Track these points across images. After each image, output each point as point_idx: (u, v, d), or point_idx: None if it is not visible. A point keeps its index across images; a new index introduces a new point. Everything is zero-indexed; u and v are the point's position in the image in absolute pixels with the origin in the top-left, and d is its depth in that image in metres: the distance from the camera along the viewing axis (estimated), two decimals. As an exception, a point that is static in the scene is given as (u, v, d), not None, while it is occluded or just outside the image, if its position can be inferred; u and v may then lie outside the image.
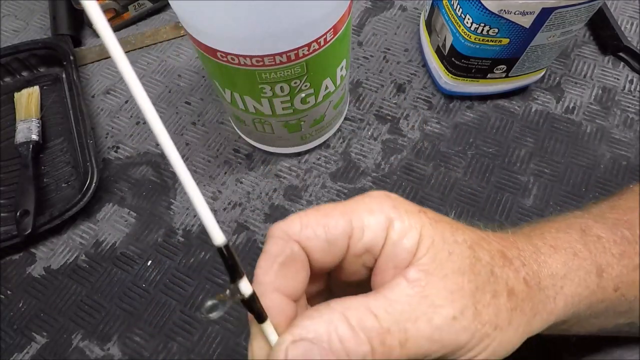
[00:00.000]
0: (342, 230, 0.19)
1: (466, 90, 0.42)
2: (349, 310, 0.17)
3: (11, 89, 0.46)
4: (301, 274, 0.19)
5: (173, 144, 0.14)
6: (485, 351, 0.18)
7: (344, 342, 0.17)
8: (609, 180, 0.39)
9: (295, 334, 0.17)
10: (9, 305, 0.37)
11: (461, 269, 0.18)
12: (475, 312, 0.18)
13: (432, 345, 0.17)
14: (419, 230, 0.19)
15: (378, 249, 0.19)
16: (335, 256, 0.19)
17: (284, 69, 0.29)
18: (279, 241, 0.19)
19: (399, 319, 0.17)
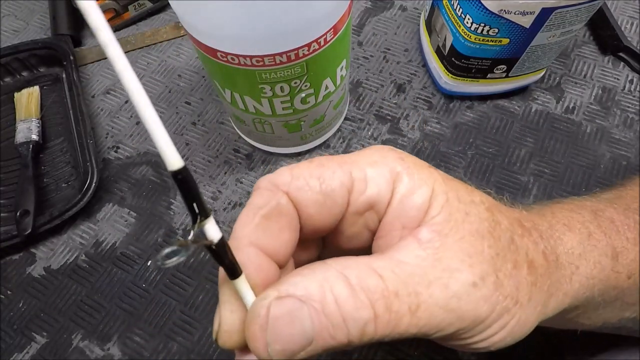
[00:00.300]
0: (340, 181, 0.16)
1: (466, 90, 0.42)
2: (349, 268, 0.14)
3: (11, 89, 0.46)
4: (287, 232, 0.16)
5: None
6: (503, 330, 0.16)
7: (340, 304, 0.14)
8: (609, 180, 0.39)
9: (281, 290, 0.14)
10: (9, 305, 0.37)
11: (480, 231, 0.16)
12: (496, 282, 0.15)
13: (447, 316, 0.15)
14: (430, 185, 0.16)
15: (383, 206, 0.16)
16: (332, 213, 0.16)
17: (284, 69, 0.29)
18: (264, 192, 0.16)
19: (409, 282, 0.14)
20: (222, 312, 0.16)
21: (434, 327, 0.15)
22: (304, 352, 0.14)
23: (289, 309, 0.14)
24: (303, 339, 0.14)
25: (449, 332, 0.15)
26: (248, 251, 0.15)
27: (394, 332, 0.14)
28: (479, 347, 0.16)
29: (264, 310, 0.14)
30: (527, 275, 0.17)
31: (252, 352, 0.15)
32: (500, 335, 0.16)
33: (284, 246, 0.16)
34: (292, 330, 0.14)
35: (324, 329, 0.14)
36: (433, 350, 0.34)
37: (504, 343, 0.16)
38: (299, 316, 0.14)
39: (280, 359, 0.14)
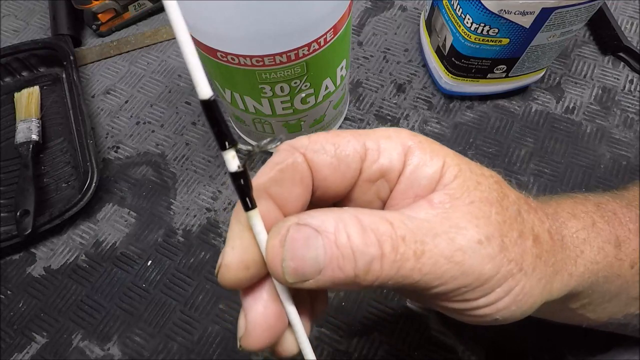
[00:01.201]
0: (353, 148, 0.17)
1: (466, 90, 0.42)
2: (362, 213, 0.16)
3: (11, 89, 0.46)
4: (300, 187, 0.17)
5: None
6: (507, 296, 0.16)
7: (351, 239, 0.15)
8: (609, 180, 0.39)
9: (300, 218, 0.15)
10: (9, 305, 0.37)
11: (489, 199, 0.17)
12: (501, 245, 0.16)
13: (451, 268, 0.15)
14: (442, 157, 0.17)
15: (395, 175, 0.17)
16: (345, 177, 0.17)
17: (284, 69, 0.29)
18: (282, 152, 0.17)
19: (417, 231, 0.15)
20: (225, 248, 0.17)
21: (437, 278, 0.15)
22: (313, 281, 0.15)
23: (306, 235, 0.15)
24: (314, 264, 0.15)
25: (452, 287, 0.16)
26: (260, 195, 0.16)
27: (398, 274, 0.15)
28: (484, 314, 0.17)
29: (284, 230, 0.15)
30: (532, 246, 0.17)
31: (268, 265, 0.16)
32: (505, 301, 0.16)
33: (295, 200, 0.17)
34: (306, 252, 0.15)
35: (334, 258, 0.15)
36: (433, 351, 0.34)
37: (510, 312, 0.17)
38: (313, 243, 0.15)
39: (291, 279, 0.15)
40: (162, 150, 0.43)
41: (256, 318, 0.17)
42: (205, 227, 0.39)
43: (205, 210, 0.40)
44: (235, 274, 0.16)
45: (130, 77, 0.48)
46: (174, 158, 0.43)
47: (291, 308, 0.17)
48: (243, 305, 0.17)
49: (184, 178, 0.42)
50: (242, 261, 0.16)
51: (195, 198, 0.41)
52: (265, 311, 0.17)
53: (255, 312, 0.17)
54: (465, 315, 0.17)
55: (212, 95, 0.14)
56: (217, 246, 0.38)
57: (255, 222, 0.16)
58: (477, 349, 0.34)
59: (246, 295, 0.17)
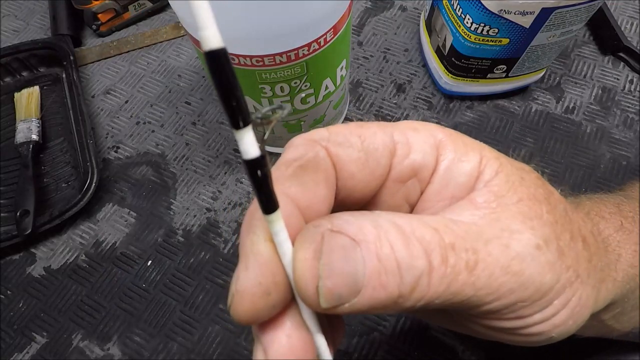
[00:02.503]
0: (382, 141, 0.14)
1: (466, 90, 0.42)
2: (401, 218, 0.13)
3: (11, 89, 0.46)
4: (324, 188, 0.14)
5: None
6: (565, 308, 0.14)
7: (395, 251, 0.12)
8: (609, 180, 0.39)
9: (334, 224, 0.12)
10: (9, 305, 0.37)
11: (537, 197, 0.14)
12: (559, 249, 0.14)
13: (508, 280, 0.13)
14: (478, 151, 0.15)
15: (428, 173, 0.15)
16: (374, 175, 0.14)
17: (284, 69, 0.29)
18: (300, 147, 0.14)
19: (466, 237, 0.13)
20: (237, 270, 0.13)
21: (493, 292, 0.13)
22: (349, 305, 0.12)
23: (343, 245, 0.12)
24: (354, 283, 0.12)
25: (508, 302, 0.13)
26: (280, 199, 0.13)
27: (448, 290, 0.13)
28: (540, 332, 0.14)
29: (318, 237, 0.12)
30: (582, 249, 0.15)
31: (297, 284, 0.12)
32: (562, 315, 0.14)
33: (319, 203, 0.14)
34: (345, 267, 0.12)
35: (376, 273, 0.12)
36: (433, 351, 0.34)
37: (566, 328, 0.15)
38: (352, 256, 0.12)
39: (325, 303, 0.12)
40: (162, 150, 0.43)
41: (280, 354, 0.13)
42: (205, 227, 0.39)
43: (205, 210, 0.40)
44: (252, 303, 0.12)
45: (130, 77, 0.48)
46: (174, 158, 0.43)
47: (320, 339, 0.14)
48: (260, 339, 0.14)
49: (184, 178, 0.42)
50: (260, 284, 0.12)
51: (195, 198, 0.41)
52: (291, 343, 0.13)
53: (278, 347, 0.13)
54: (516, 335, 0.15)
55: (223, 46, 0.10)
56: (217, 246, 0.39)
57: (278, 229, 0.12)
58: (477, 349, 0.34)
59: (263, 329, 0.14)
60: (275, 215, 0.12)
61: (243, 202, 0.40)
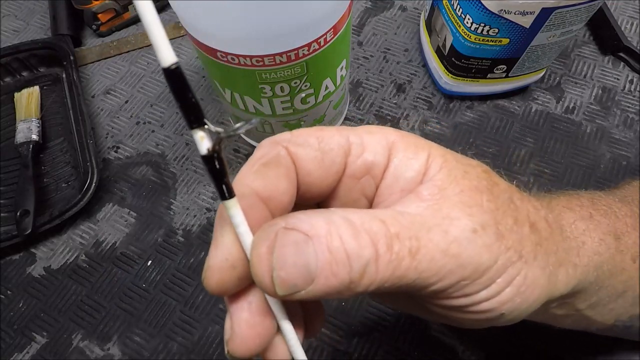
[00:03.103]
0: (337, 142, 0.16)
1: (466, 90, 0.42)
2: (352, 214, 0.15)
3: (11, 89, 0.46)
4: (284, 181, 0.16)
5: None
6: (510, 286, 0.16)
7: (344, 242, 0.14)
8: (609, 180, 0.39)
9: (288, 222, 0.14)
10: (9, 305, 0.37)
11: (478, 187, 0.16)
12: (497, 232, 0.15)
13: (448, 262, 0.14)
14: (427, 150, 0.16)
15: (380, 171, 0.17)
16: (329, 172, 0.16)
17: (284, 69, 0.29)
18: (264, 147, 0.17)
19: (410, 227, 0.15)
20: (210, 249, 0.15)
21: (435, 273, 0.15)
22: (305, 292, 0.14)
23: (296, 240, 0.14)
24: (306, 273, 0.14)
25: (450, 282, 0.15)
26: (244, 191, 0.15)
27: (394, 275, 0.14)
28: (488, 308, 0.16)
29: (272, 234, 0.14)
30: (529, 233, 0.16)
31: (255, 277, 0.14)
32: (507, 292, 0.16)
33: (281, 195, 0.16)
34: (297, 260, 0.14)
35: (327, 264, 0.14)
36: (433, 351, 0.34)
37: (515, 305, 0.16)
38: (304, 249, 0.14)
39: (281, 291, 0.14)
40: (162, 150, 0.43)
41: (242, 324, 0.16)
42: (205, 227, 0.39)
43: (205, 210, 0.40)
44: (220, 276, 0.15)
45: (130, 77, 0.48)
46: (174, 158, 0.43)
47: (281, 315, 0.16)
48: (228, 309, 0.16)
49: (184, 178, 0.42)
50: (226, 260, 0.15)
51: (195, 198, 0.41)
52: (252, 317, 0.16)
53: (240, 317, 0.16)
54: (469, 313, 0.16)
55: (176, 62, 0.12)
56: (217, 246, 0.38)
57: (234, 212, 0.14)
58: (477, 349, 0.34)
59: (231, 299, 0.16)
60: (231, 201, 0.14)
61: (243, 202, 0.40)
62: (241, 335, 0.15)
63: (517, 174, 0.40)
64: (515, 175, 0.40)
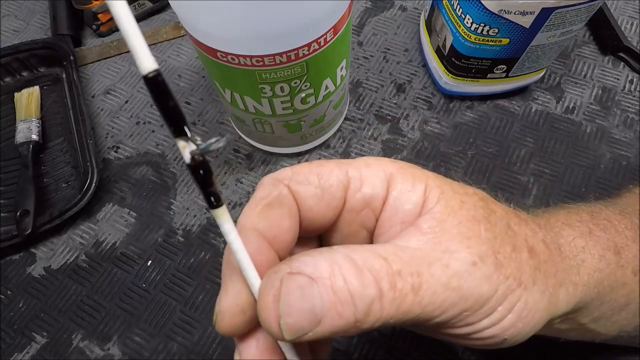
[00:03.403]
0: (337, 178, 0.17)
1: (466, 90, 0.42)
2: (355, 252, 0.15)
3: (11, 89, 0.46)
4: (288, 220, 0.17)
5: None
6: (511, 313, 0.16)
7: (348, 282, 0.14)
8: (609, 180, 0.39)
9: (292, 266, 0.15)
10: (9, 305, 0.37)
11: (476, 217, 0.16)
12: (496, 262, 0.16)
13: (449, 295, 0.15)
14: (424, 181, 0.17)
15: (379, 203, 0.17)
16: (329, 207, 0.17)
17: (284, 69, 0.29)
18: (267, 186, 0.17)
19: (411, 262, 0.15)
20: (219, 294, 0.16)
21: (438, 307, 0.15)
22: (312, 334, 0.14)
23: (301, 284, 0.14)
24: (313, 316, 0.14)
25: (453, 313, 0.15)
26: (249, 234, 0.16)
27: (399, 311, 0.15)
28: (491, 335, 0.16)
29: (277, 282, 0.14)
30: (528, 258, 0.17)
31: (263, 324, 0.15)
32: (509, 319, 0.16)
33: (285, 234, 0.17)
34: (303, 304, 0.14)
35: (332, 306, 0.14)
36: (433, 351, 0.34)
37: (517, 330, 0.16)
38: (309, 292, 0.14)
39: (289, 336, 0.14)
40: (162, 150, 0.43)
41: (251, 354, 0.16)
42: (205, 227, 0.39)
43: (205, 210, 0.40)
44: (231, 320, 0.16)
45: (130, 77, 0.48)
46: (174, 158, 0.43)
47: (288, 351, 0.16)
48: (237, 347, 0.17)
49: (184, 178, 0.42)
50: (236, 305, 0.16)
51: (195, 198, 0.41)
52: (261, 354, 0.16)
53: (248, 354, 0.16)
54: (473, 340, 0.17)
55: (156, 69, 0.12)
56: (217, 246, 0.38)
57: (223, 221, 0.14)
58: (477, 349, 0.34)
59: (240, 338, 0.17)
60: (220, 210, 0.14)
61: (243, 202, 0.40)
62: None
63: (517, 174, 0.40)
64: (515, 175, 0.40)
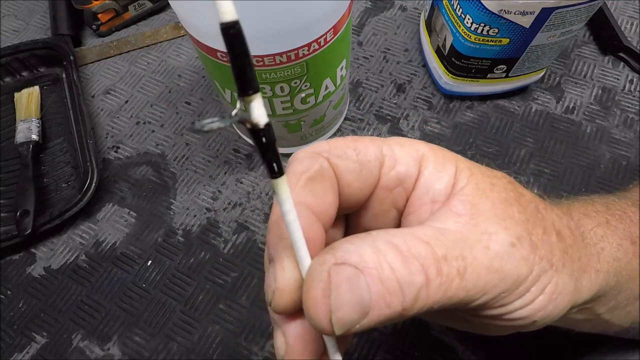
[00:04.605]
0: (373, 154, 0.17)
1: (466, 90, 0.42)
2: (395, 237, 0.14)
3: (11, 89, 0.46)
4: (331, 194, 0.16)
5: None
6: (542, 294, 0.16)
7: (395, 271, 0.13)
8: (609, 180, 0.39)
9: (337, 256, 0.14)
10: (9, 305, 0.37)
11: (507, 200, 0.16)
12: (531, 243, 0.16)
13: (492, 278, 0.15)
14: (454, 162, 0.17)
15: (411, 182, 0.17)
16: (366, 183, 0.17)
17: (284, 69, 0.29)
18: (304, 160, 0.16)
19: (454, 246, 0.15)
20: (273, 269, 0.15)
21: (480, 290, 0.15)
22: (359, 326, 0.14)
23: (348, 275, 0.13)
24: (361, 308, 0.13)
25: (493, 295, 0.15)
26: (299, 208, 0.15)
27: (444, 296, 0.14)
28: (523, 316, 0.16)
29: (325, 274, 0.14)
30: (556, 242, 0.17)
31: (311, 320, 0.14)
32: (540, 300, 0.16)
33: (328, 208, 0.16)
34: (352, 297, 0.13)
35: (380, 296, 0.13)
36: (433, 351, 0.34)
37: (547, 312, 0.16)
38: (357, 284, 0.13)
39: (339, 330, 0.14)
40: (162, 150, 0.43)
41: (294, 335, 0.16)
42: (205, 227, 0.39)
43: (205, 210, 0.40)
44: (291, 297, 0.15)
45: (130, 77, 0.48)
46: (174, 158, 0.43)
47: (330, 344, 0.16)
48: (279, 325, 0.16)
49: (184, 178, 0.42)
50: (295, 281, 0.15)
51: (195, 198, 0.41)
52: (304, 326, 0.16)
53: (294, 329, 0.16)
54: (503, 321, 0.17)
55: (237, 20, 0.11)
56: (217, 246, 0.38)
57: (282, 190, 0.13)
58: (477, 349, 0.34)
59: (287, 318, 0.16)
60: (281, 179, 0.13)
61: (243, 202, 0.40)
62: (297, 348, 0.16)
63: (517, 174, 0.40)
64: (515, 175, 0.40)
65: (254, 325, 0.35)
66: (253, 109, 0.12)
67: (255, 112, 0.12)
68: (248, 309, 0.36)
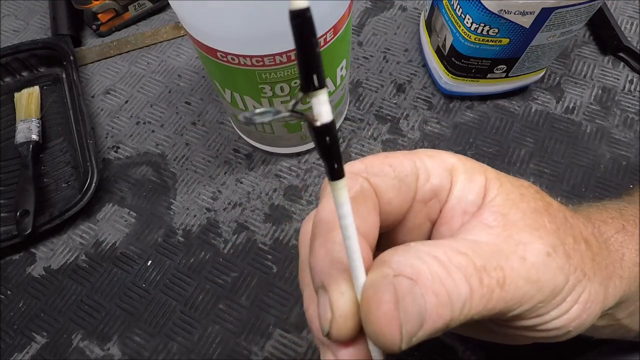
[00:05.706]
0: (409, 168, 0.17)
1: (466, 90, 0.42)
2: (434, 249, 0.14)
3: (11, 89, 0.46)
4: (373, 215, 0.16)
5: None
6: (577, 303, 0.16)
7: (444, 282, 0.13)
8: (609, 180, 0.39)
9: (394, 269, 0.14)
10: (9, 305, 0.37)
11: (537, 209, 0.16)
12: (565, 252, 0.16)
13: (529, 288, 0.15)
14: (483, 173, 0.17)
15: (445, 194, 0.17)
16: (406, 198, 0.17)
17: (284, 69, 0.29)
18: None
19: (491, 257, 0.15)
20: (328, 295, 0.14)
21: (518, 301, 0.15)
22: (415, 339, 0.13)
23: (409, 287, 0.13)
24: (420, 320, 0.13)
25: (530, 305, 0.15)
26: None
27: (486, 307, 0.14)
28: (558, 326, 0.16)
29: (391, 286, 0.13)
30: (585, 250, 0.17)
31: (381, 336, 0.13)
32: (575, 310, 0.16)
33: (373, 229, 0.16)
34: (414, 309, 0.13)
35: (433, 308, 0.13)
36: (433, 351, 0.34)
37: (581, 321, 0.16)
38: (414, 296, 0.13)
39: (405, 345, 0.13)
40: (162, 150, 0.43)
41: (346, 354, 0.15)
42: (205, 227, 0.39)
43: (205, 210, 0.40)
44: (354, 323, 0.14)
45: (130, 77, 0.48)
46: (174, 158, 0.43)
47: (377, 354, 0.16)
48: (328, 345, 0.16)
49: (184, 178, 0.42)
50: (355, 303, 0.14)
51: (195, 198, 0.41)
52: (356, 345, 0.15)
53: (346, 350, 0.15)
54: (538, 332, 0.17)
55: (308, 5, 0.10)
56: (217, 246, 0.39)
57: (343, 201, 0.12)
58: (477, 349, 0.34)
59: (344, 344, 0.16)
60: (341, 183, 0.12)
61: (243, 202, 0.40)
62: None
63: (517, 174, 0.40)
64: (515, 175, 0.40)
65: (254, 325, 0.35)
66: (317, 104, 0.11)
67: (321, 108, 0.11)
68: (248, 309, 0.36)
